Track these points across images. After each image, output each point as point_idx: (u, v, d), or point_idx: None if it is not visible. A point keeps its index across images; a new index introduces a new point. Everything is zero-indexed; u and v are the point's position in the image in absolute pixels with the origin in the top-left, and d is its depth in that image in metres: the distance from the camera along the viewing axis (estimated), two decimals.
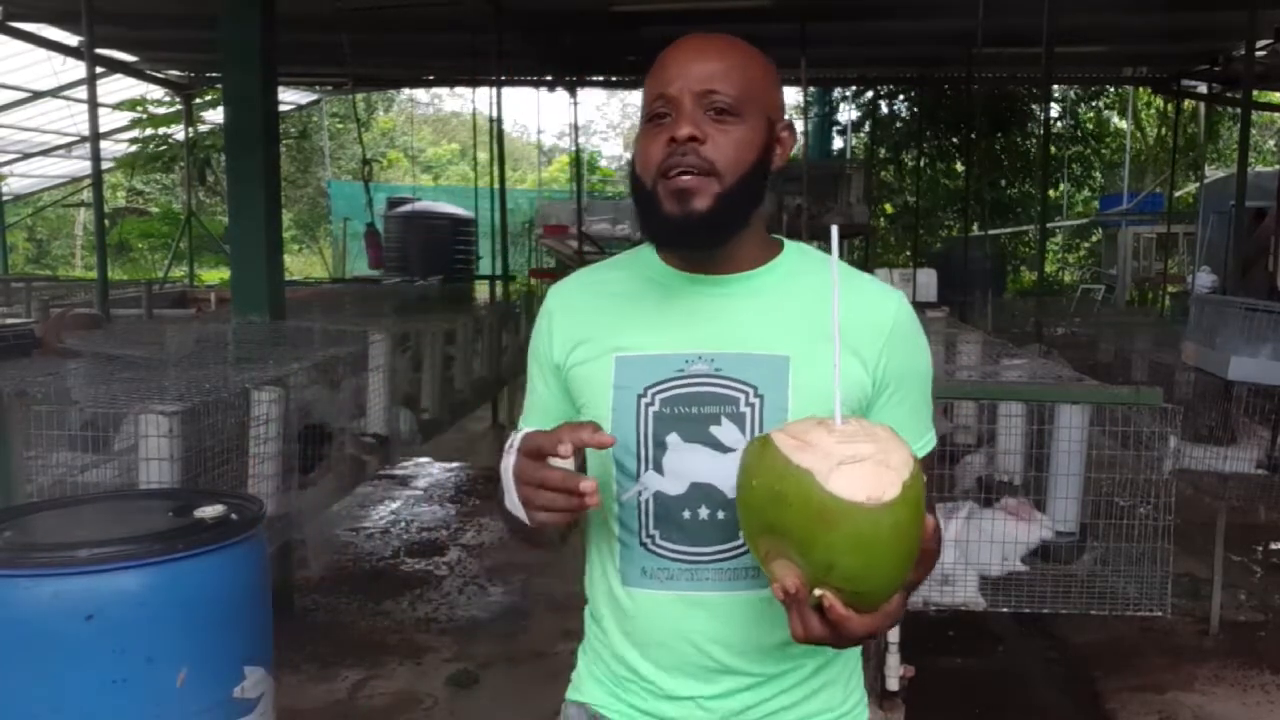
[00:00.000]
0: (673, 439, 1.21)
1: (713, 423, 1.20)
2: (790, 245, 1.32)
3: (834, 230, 1.14)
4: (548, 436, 1.08)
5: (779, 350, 1.22)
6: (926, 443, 1.30)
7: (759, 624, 1.22)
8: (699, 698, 1.24)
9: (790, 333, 1.22)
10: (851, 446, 1.01)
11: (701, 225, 1.19)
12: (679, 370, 1.22)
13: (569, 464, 1.10)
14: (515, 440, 1.13)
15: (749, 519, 1.06)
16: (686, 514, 1.21)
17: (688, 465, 1.21)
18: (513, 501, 1.12)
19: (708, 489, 1.20)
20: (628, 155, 1.28)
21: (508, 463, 1.13)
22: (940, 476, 3.32)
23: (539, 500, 1.09)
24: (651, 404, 1.21)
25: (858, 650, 1.32)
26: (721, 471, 1.17)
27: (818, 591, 1.00)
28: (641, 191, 1.22)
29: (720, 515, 1.20)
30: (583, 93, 12.60)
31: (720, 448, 1.19)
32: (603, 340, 1.26)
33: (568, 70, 11.53)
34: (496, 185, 9.84)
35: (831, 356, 1.09)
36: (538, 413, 1.33)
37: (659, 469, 1.22)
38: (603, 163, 24.00)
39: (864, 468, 0.99)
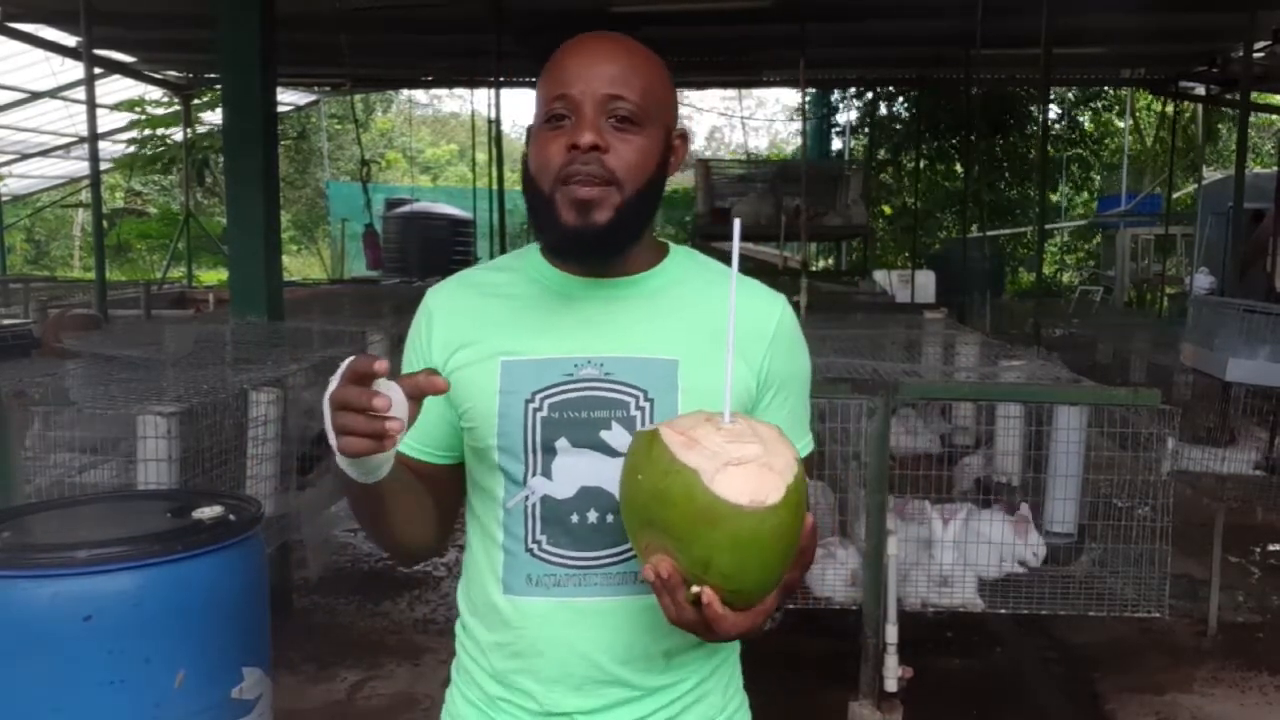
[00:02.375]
0: (562, 444, 1.19)
1: (603, 427, 1.19)
2: (676, 249, 1.31)
3: (736, 223, 1.13)
4: (366, 357, 1.01)
5: (668, 354, 1.21)
6: (805, 445, 1.30)
7: (647, 630, 1.20)
8: (577, 713, 1.22)
9: (678, 336, 1.22)
10: (738, 447, 1.02)
11: (601, 237, 1.18)
12: (567, 374, 1.20)
13: (402, 408, 1.02)
14: (341, 366, 1.03)
15: (631, 512, 1.06)
16: (575, 518, 1.20)
17: (577, 469, 1.19)
18: (328, 432, 1.03)
19: (597, 493, 1.19)
20: None
21: (328, 392, 1.03)
22: (939, 477, 3.32)
23: (338, 421, 1.01)
24: (540, 409, 1.19)
25: (736, 653, 1.32)
26: (611, 475, 1.13)
27: (695, 588, 1.01)
28: (539, 197, 1.20)
29: (609, 519, 1.18)
30: None
31: (610, 452, 1.18)
32: (487, 343, 1.23)
33: None
34: (495, 186, 9.85)
35: (719, 360, 1.09)
36: None
37: (547, 474, 1.20)
38: None
39: (749, 470, 1.00)
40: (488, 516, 1.25)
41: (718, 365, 1.10)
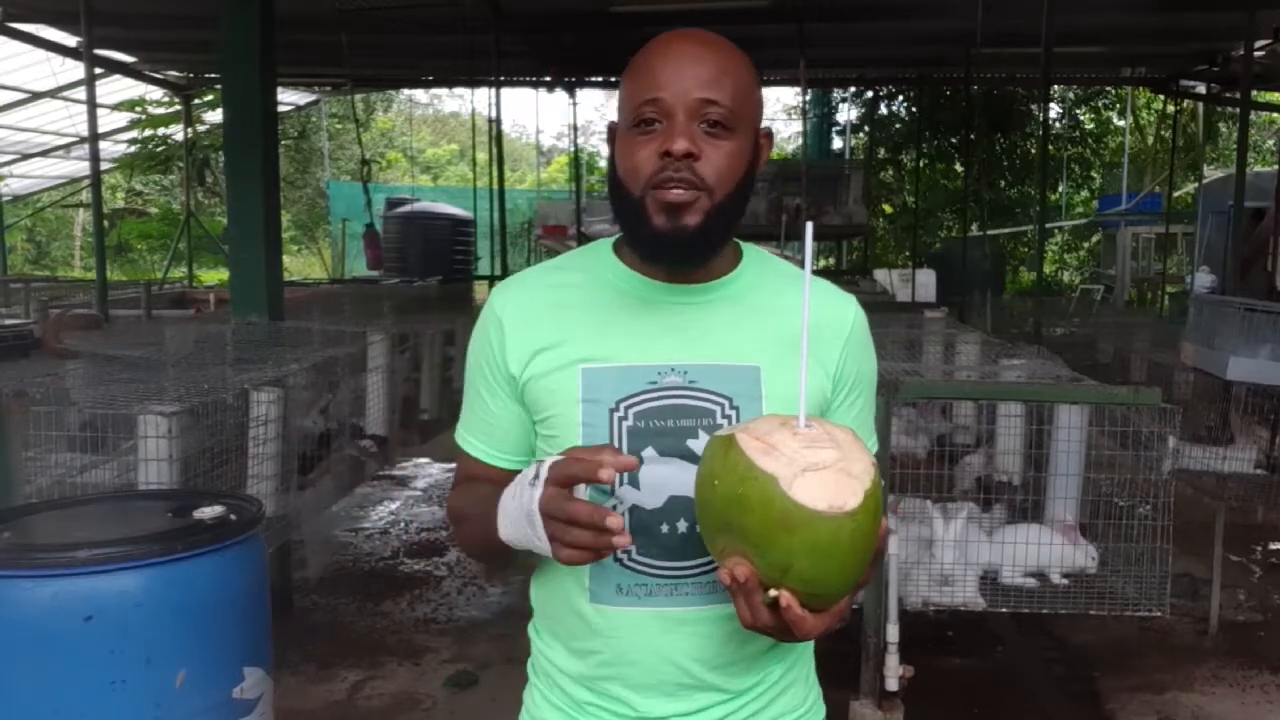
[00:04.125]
0: (649, 453, 1.18)
1: (689, 436, 1.18)
2: (749, 250, 1.30)
3: (808, 227, 1.12)
4: (580, 464, 1.04)
5: (750, 360, 1.20)
6: (872, 444, 1.29)
7: (737, 636, 1.20)
8: (674, 716, 1.22)
9: (759, 341, 1.21)
10: (815, 452, 1.01)
11: (692, 240, 1.17)
12: (651, 383, 1.19)
13: (584, 491, 1.06)
14: (541, 470, 1.06)
15: (707, 517, 1.06)
16: (665, 528, 1.19)
17: (665, 479, 1.18)
18: (537, 535, 1.06)
19: (686, 502, 1.16)
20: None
21: (529, 496, 1.06)
22: (939, 477, 3.32)
23: (568, 537, 1.04)
24: (625, 418, 1.18)
25: (811, 646, 1.32)
26: None
27: (773, 592, 1.01)
28: (628, 200, 1.18)
29: (699, 529, 1.18)
30: (581, 93, 12.60)
31: (698, 461, 1.16)
32: (566, 349, 1.20)
33: (566, 71, 11.53)
34: (495, 186, 9.85)
35: (800, 365, 1.09)
36: (482, 428, 1.27)
37: (634, 483, 1.18)
38: (602, 163, 24.02)
39: (827, 475, 1.00)
40: None
41: (799, 371, 1.09)
